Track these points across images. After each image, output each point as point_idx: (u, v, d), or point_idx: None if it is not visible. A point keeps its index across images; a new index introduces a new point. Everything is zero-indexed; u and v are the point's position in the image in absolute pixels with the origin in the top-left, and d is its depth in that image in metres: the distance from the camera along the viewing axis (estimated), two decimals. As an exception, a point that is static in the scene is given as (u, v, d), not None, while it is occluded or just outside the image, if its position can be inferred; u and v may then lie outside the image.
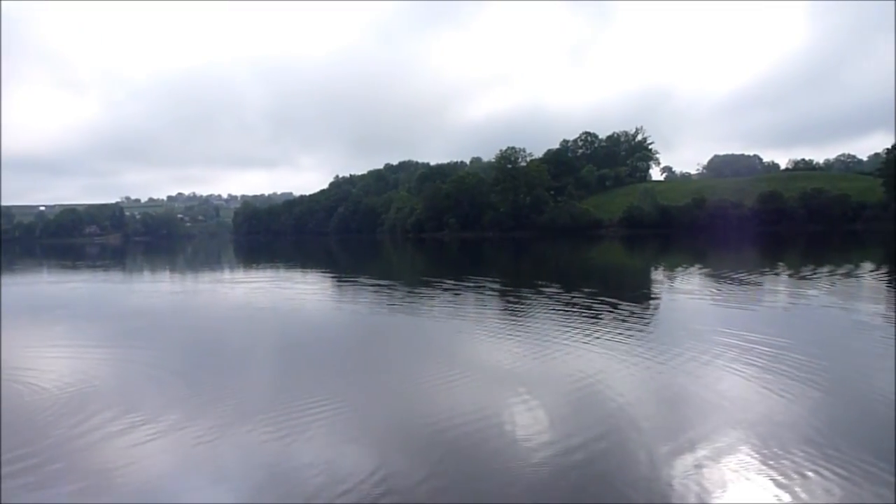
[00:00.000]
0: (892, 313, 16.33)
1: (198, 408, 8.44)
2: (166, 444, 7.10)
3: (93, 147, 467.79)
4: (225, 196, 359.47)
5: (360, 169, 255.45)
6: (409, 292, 24.41)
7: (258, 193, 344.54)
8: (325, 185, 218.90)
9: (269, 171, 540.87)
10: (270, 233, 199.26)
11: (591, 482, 5.88)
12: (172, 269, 47.05)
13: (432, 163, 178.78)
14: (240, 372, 10.88)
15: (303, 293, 24.93)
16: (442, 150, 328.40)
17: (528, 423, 7.56)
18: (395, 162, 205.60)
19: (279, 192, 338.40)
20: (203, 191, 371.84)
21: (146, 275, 42.25)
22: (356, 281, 30.05)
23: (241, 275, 38.36)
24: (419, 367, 10.93)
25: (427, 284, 27.81)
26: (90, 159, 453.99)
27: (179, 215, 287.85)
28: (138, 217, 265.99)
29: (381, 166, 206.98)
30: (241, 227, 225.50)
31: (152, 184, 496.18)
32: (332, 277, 34.16)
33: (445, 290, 24.14)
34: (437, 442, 7.03)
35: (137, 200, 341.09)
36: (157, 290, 29.44)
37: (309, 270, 40.62)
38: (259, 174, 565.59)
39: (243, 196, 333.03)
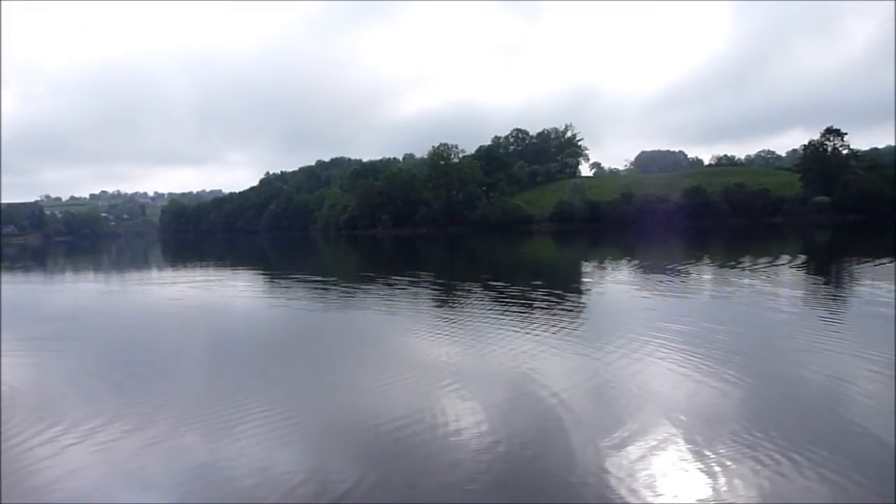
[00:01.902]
0: (816, 301, 17.12)
1: (126, 414, 8.19)
2: (92, 453, 6.87)
3: (8, 143, 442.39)
4: (151, 194, 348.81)
5: (292, 165, 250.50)
6: (344, 290, 24.23)
7: (186, 191, 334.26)
8: (255, 182, 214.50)
9: (197, 168, 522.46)
10: (199, 231, 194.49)
11: (532, 479, 5.95)
12: (96, 270, 45.42)
13: (365, 159, 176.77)
14: (170, 375, 10.60)
15: (235, 292, 24.45)
16: (374, 147, 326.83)
17: (467, 421, 7.54)
18: (327, 158, 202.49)
19: (208, 190, 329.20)
20: (128, 189, 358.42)
21: (68, 276, 40.62)
22: (290, 278, 29.64)
23: (169, 274, 37.30)
24: (356, 366, 10.89)
25: (362, 280, 27.67)
26: (6, 156, 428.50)
27: (103, 214, 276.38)
28: (59, 216, 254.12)
29: (312, 163, 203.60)
30: (168, 226, 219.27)
31: (74, 182, 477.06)
32: (265, 275, 33.62)
33: (381, 286, 24.07)
34: (373, 442, 7.00)
35: (58, 199, 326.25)
36: (80, 290, 28.40)
37: (240, 269, 39.83)
38: (186, 171, 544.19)
39: (170, 194, 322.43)
